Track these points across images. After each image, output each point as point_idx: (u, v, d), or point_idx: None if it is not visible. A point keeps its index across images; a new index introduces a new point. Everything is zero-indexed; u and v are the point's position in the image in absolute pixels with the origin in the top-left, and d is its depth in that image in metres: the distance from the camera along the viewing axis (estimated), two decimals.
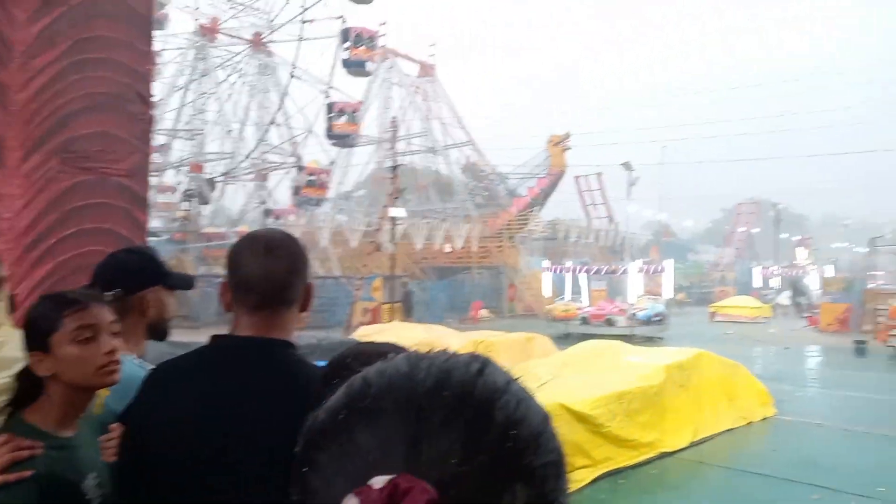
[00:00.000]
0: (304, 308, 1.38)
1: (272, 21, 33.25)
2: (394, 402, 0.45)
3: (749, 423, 8.89)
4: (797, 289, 37.92)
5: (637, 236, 45.03)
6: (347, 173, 37.88)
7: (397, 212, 20.66)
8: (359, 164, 40.10)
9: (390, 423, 0.44)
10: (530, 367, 9.84)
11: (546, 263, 28.54)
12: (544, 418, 0.48)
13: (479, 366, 0.47)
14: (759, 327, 27.25)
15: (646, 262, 30.46)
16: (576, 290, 27.16)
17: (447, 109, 41.30)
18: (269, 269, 1.31)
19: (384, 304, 22.51)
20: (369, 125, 39.76)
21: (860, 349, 17.30)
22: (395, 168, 21.32)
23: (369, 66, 33.97)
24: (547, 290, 27.87)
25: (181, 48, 32.82)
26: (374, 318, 22.40)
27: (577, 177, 43.29)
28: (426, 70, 41.16)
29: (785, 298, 37.88)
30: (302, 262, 1.37)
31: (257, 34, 32.88)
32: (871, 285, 24.99)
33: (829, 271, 44.41)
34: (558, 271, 26.65)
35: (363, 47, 32.95)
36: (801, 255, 54.67)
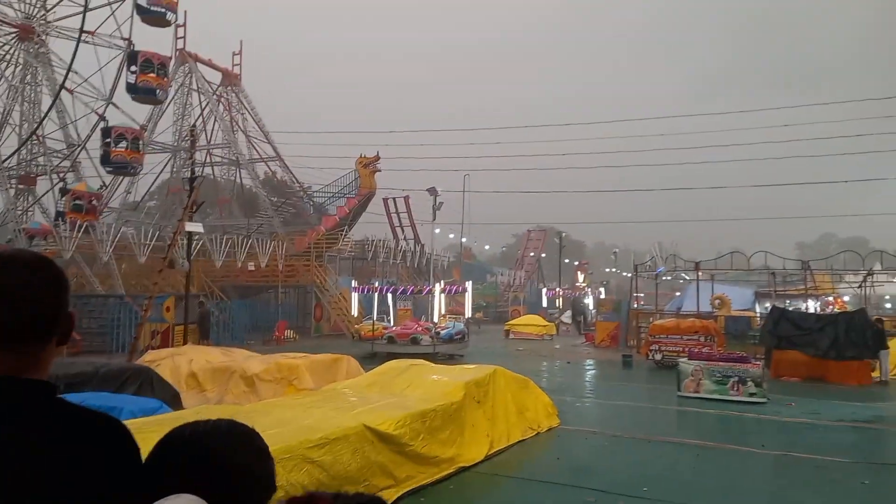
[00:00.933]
0: (62, 341, 1.17)
1: (47, 13, 28.96)
2: None
3: (537, 434, 9.62)
4: (576, 308, 42.35)
5: (441, 258, 47.01)
6: (135, 182, 34.19)
7: (194, 226, 19.10)
8: (150, 173, 36.55)
9: None
10: (337, 388, 9.69)
11: (354, 283, 28.50)
12: None
13: None
14: (545, 343, 29.86)
15: (448, 282, 31.86)
16: (383, 310, 27.46)
17: (253, 122, 39.60)
18: (15, 299, 1.09)
19: (177, 325, 20.70)
20: (164, 133, 36.62)
21: (627, 362, 19.74)
22: (192, 179, 19.72)
23: (160, 94, 30.82)
24: (355, 309, 27.83)
25: None
26: (165, 340, 20.50)
27: (385, 199, 44.10)
28: (230, 78, 39.05)
29: (567, 317, 42.08)
30: (57, 287, 1.16)
31: (27, 23, 28.35)
32: (635, 306, 28.76)
33: (602, 293, 50.43)
34: (366, 291, 26.74)
35: (153, 74, 29.76)
36: (580, 278, 61.41)
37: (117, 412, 6.76)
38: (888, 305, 40.62)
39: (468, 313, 27.22)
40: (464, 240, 47.20)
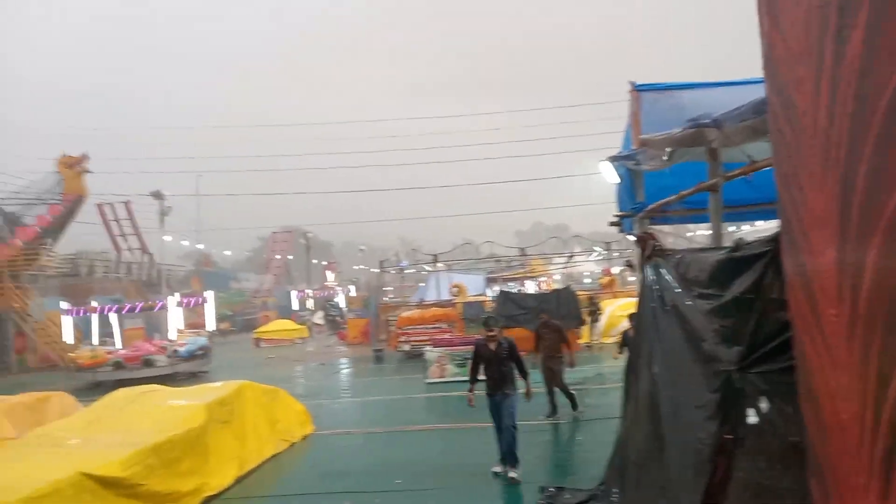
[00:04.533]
0: None
1: None
2: None
3: (291, 445, 9.30)
4: (328, 308, 42.39)
5: (175, 268, 42.90)
6: None
7: None
8: None
9: None
10: (47, 432, 8.16)
11: (66, 305, 24.46)
12: None
13: None
14: (298, 348, 29.29)
15: (185, 294, 29.22)
16: (107, 332, 24.12)
17: None
18: None
19: None
20: None
21: (378, 357, 20.27)
22: None
23: None
24: (69, 335, 23.90)
25: None
26: None
27: (99, 205, 38.64)
28: None
29: (319, 318, 41.87)
30: None
31: None
32: (384, 300, 29.71)
33: (352, 291, 51.24)
34: (82, 313, 23.14)
35: None
36: (330, 277, 61.56)
37: None
38: (587, 280, 48.32)
39: (211, 325, 25.31)
40: (201, 246, 43.75)
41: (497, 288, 27.54)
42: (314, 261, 65.76)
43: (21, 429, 9.39)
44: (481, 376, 7.40)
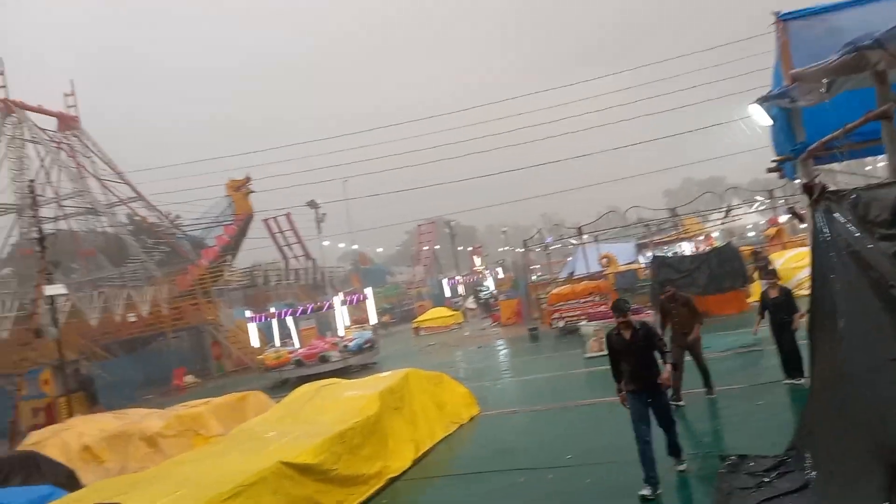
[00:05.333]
0: None
1: None
2: None
3: (460, 427, 9.66)
4: (478, 292, 43.21)
5: (337, 269, 46.18)
6: None
7: (54, 289, 17.42)
8: None
9: None
10: (248, 428, 9.21)
11: (249, 313, 27.33)
12: None
13: None
14: (455, 333, 30.22)
15: (347, 292, 31.30)
16: (286, 334, 26.61)
17: (103, 163, 36.69)
18: None
19: (60, 397, 18.87)
20: (3, 192, 33.13)
21: (534, 335, 20.32)
22: (41, 238, 17.97)
23: None
24: (255, 339, 26.71)
25: None
26: (50, 417, 18.63)
27: (265, 220, 42.55)
28: (67, 122, 35.98)
29: (471, 302, 42.83)
30: None
31: None
32: (532, 279, 29.69)
33: (500, 273, 51.75)
34: (264, 319, 25.72)
35: None
36: (477, 262, 62.66)
37: None
38: (751, 234, 44.64)
39: (374, 319, 26.93)
40: (355, 247, 46.63)
41: (650, 254, 26.34)
42: (460, 247, 67.34)
43: (226, 426, 10.69)
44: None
